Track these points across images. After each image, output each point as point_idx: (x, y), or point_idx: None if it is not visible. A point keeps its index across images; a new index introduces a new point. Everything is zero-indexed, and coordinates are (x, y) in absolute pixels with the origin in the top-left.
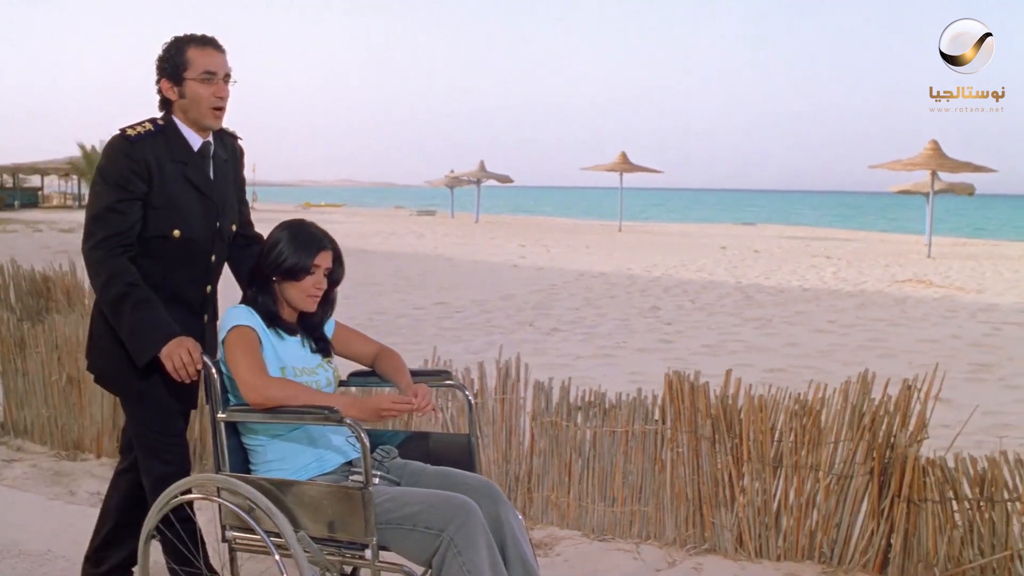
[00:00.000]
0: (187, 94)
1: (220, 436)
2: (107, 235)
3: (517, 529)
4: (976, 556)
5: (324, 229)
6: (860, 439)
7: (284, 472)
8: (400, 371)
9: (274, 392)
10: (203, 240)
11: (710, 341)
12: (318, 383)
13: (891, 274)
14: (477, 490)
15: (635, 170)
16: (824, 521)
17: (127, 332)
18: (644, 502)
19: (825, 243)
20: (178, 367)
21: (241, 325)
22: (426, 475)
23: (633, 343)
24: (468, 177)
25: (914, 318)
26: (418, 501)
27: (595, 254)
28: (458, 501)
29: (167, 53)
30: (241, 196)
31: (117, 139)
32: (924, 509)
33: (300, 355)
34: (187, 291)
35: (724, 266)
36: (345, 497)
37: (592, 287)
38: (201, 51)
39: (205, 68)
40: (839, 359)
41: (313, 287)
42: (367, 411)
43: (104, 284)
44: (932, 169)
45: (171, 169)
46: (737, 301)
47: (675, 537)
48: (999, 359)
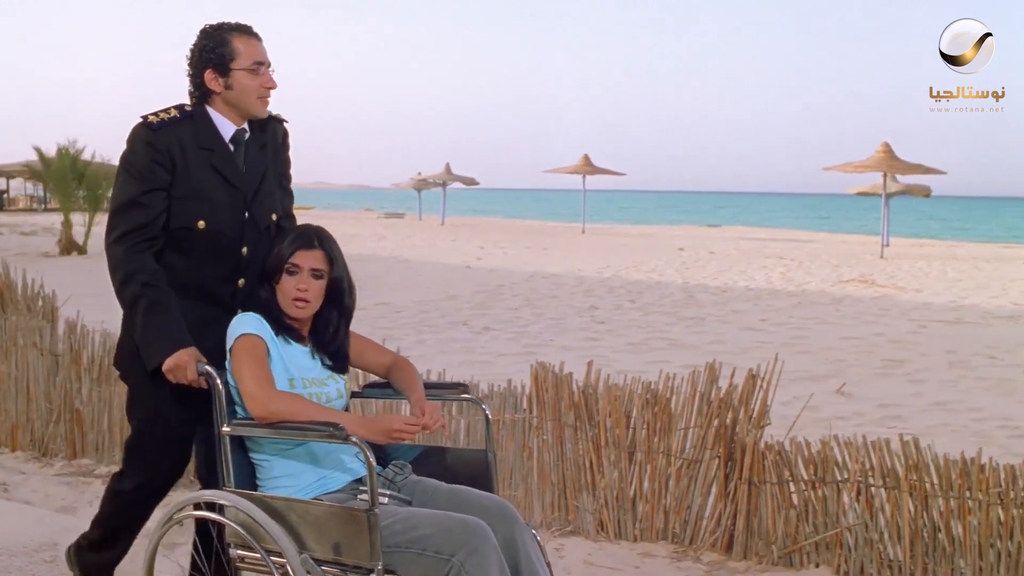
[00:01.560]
0: (234, 85)
1: (225, 450)
2: (128, 229)
3: (532, 553)
4: (811, 533)
5: (326, 232)
6: (708, 426)
7: (291, 489)
8: (412, 385)
9: (279, 406)
10: (231, 231)
11: (636, 339)
12: (327, 395)
13: (838, 274)
14: (491, 511)
15: (597, 172)
16: (677, 503)
17: (139, 335)
18: (514, 487)
19: (784, 244)
20: (179, 380)
21: (249, 334)
22: (439, 494)
23: (560, 341)
24: (434, 180)
25: (845, 316)
26: (428, 524)
27: (551, 256)
28: (470, 525)
29: (210, 42)
30: (284, 184)
31: (139, 128)
32: (764, 491)
33: (308, 365)
34: (217, 286)
35: (676, 267)
36: (351, 519)
37: (538, 288)
38: (247, 40)
39: (254, 59)
40: (757, 356)
41: (295, 289)
42: (376, 431)
43: (121, 283)
44: (884, 171)
45: (196, 157)
46: (677, 301)
47: (542, 520)
48: (913, 355)
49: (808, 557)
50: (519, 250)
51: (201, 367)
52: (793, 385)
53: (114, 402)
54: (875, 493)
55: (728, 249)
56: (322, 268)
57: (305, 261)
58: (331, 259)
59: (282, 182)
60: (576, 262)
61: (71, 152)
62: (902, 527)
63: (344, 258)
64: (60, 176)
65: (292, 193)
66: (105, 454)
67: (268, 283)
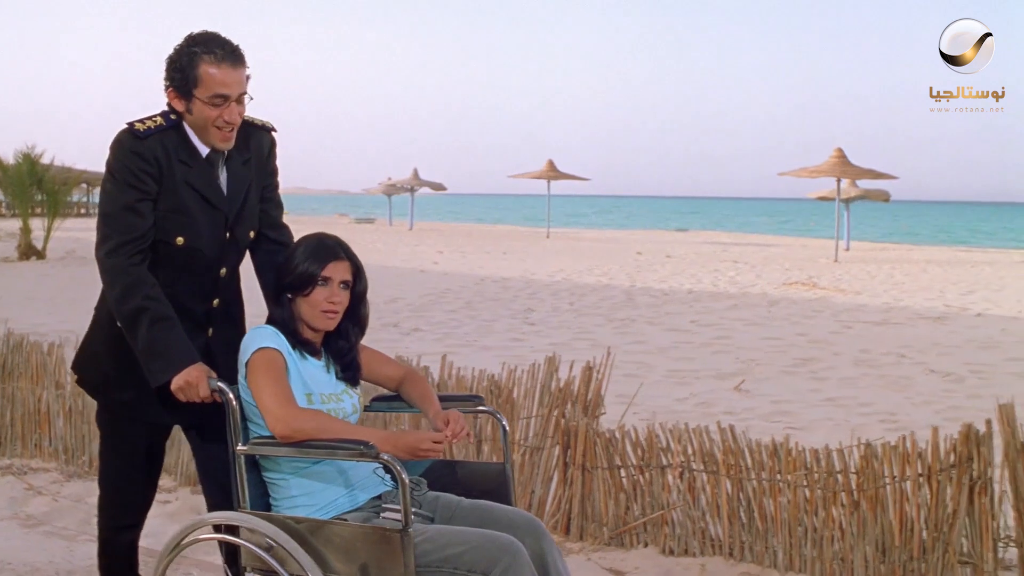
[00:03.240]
0: (194, 111)
1: (240, 470)
2: (124, 240)
3: (562, 567)
4: (640, 515)
5: (342, 240)
6: (549, 414)
7: (309, 509)
8: (428, 398)
9: (304, 424)
10: (210, 251)
11: (559, 340)
12: (344, 411)
13: (786, 277)
14: (519, 526)
15: (561, 177)
16: (522, 489)
17: (142, 350)
18: None
19: (744, 248)
20: (190, 398)
21: (267, 347)
22: (462, 510)
23: (483, 342)
24: (403, 185)
25: (775, 318)
26: (459, 542)
27: (509, 260)
28: (503, 541)
29: (178, 60)
30: (271, 195)
31: (125, 135)
32: (596, 475)
33: (325, 380)
34: (190, 303)
35: (628, 271)
36: (382, 539)
37: (485, 291)
38: (217, 68)
39: (216, 91)
40: (674, 355)
41: (326, 301)
42: (402, 447)
43: (121, 296)
44: (836, 176)
45: (179, 170)
46: (616, 303)
47: None
48: (825, 355)
49: (637, 537)
50: (479, 255)
51: (214, 383)
52: (698, 383)
53: (16, 397)
54: (696, 476)
55: (687, 253)
56: (349, 279)
57: (336, 273)
58: (357, 269)
59: (267, 193)
60: (531, 266)
61: (30, 157)
62: (721, 507)
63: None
64: (18, 181)
65: (281, 203)
66: (7, 447)
67: (284, 298)
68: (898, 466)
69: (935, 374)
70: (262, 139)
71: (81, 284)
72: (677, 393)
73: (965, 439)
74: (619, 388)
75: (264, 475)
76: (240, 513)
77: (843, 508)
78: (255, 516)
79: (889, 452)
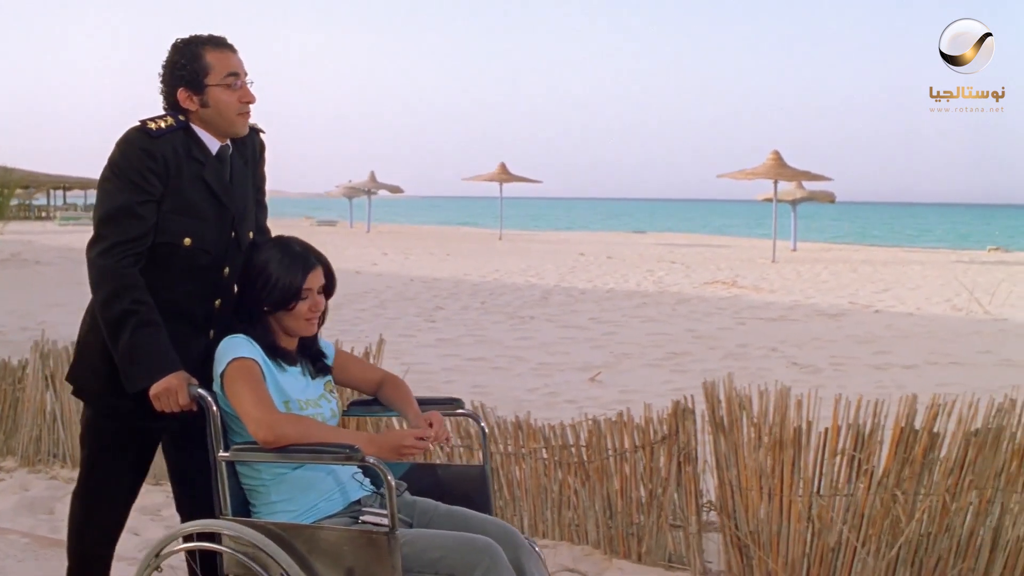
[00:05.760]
0: (210, 102)
1: (221, 476)
2: (118, 240)
3: (539, 575)
4: None
5: (309, 244)
6: None
7: (291, 514)
8: (408, 401)
9: (287, 429)
10: (216, 250)
11: (449, 336)
12: (323, 416)
13: (713, 277)
14: (493, 535)
15: (514, 180)
16: None
17: (123, 354)
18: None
19: (689, 249)
20: (167, 406)
21: (242, 357)
22: (438, 516)
23: (374, 338)
24: (361, 188)
25: (676, 315)
26: (438, 546)
27: (450, 261)
28: (481, 544)
29: (181, 58)
30: (259, 198)
31: (135, 133)
32: None
33: (302, 386)
34: (192, 305)
35: (562, 271)
36: (369, 542)
37: (406, 291)
38: (220, 53)
39: (228, 70)
40: (553, 350)
41: (308, 311)
42: (387, 448)
43: (107, 298)
44: (773, 178)
45: (189, 170)
46: (528, 302)
47: None
48: (700, 349)
49: None
50: (422, 256)
51: (193, 390)
52: (559, 375)
53: None
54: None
55: (627, 254)
56: (324, 282)
57: (315, 282)
58: (328, 270)
59: (257, 196)
60: (468, 267)
61: None
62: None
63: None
64: None
65: (266, 205)
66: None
67: (259, 315)
68: (619, 439)
69: (795, 367)
70: (254, 140)
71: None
72: (532, 384)
73: (673, 414)
74: (483, 380)
75: (243, 482)
76: (223, 520)
77: (576, 477)
78: (238, 522)
79: (611, 427)
